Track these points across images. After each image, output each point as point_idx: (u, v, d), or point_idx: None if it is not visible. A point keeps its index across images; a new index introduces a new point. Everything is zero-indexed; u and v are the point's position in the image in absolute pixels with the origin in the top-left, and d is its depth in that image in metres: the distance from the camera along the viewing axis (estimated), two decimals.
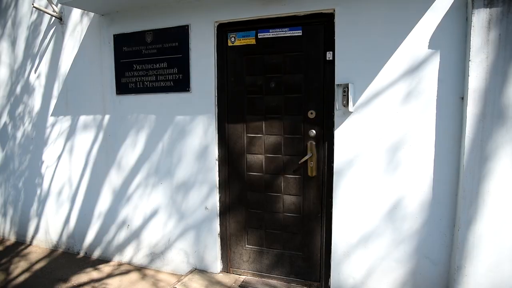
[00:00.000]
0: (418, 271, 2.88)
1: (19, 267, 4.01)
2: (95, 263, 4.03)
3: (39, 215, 4.50)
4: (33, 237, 4.60)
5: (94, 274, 3.78)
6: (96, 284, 3.59)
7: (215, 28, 3.32)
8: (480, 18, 2.44)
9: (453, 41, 2.61)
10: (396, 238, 2.91)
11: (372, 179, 2.93)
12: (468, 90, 2.51)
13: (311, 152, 3.13)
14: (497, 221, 2.53)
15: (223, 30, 3.31)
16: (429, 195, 2.79)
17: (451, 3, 2.58)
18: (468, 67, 2.50)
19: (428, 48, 2.67)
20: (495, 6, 2.40)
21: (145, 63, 3.58)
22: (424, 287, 2.88)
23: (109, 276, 3.74)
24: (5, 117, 4.57)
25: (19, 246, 4.59)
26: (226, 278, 3.46)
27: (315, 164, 3.14)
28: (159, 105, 3.59)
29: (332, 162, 3.03)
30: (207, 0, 3.27)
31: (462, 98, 2.60)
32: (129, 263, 3.96)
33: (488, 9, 2.41)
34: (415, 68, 2.72)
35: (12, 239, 4.78)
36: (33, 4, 3.79)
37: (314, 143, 3.12)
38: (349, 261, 3.08)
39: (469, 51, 2.49)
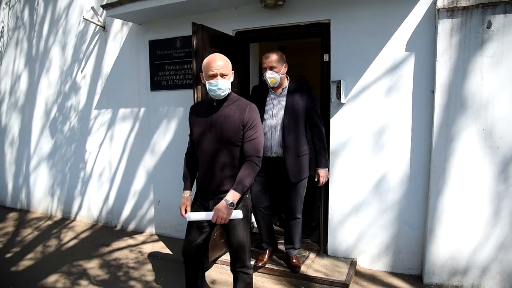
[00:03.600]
0: (399, 235, 3.48)
1: (67, 236, 4.77)
2: (131, 234, 4.76)
3: (82, 194, 5.26)
4: (76, 214, 5.37)
5: (130, 241, 4.51)
6: (133, 248, 4.31)
7: (234, 35, 4.00)
8: (444, 27, 3.05)
9: (424, 45, 3.22)
10: (381, 207, 3.52)
11: (362, 158, 3.54)
12: (436, 84, 3.12)
13: None
14: (460, 191, 3.13)
15: (240, 37, 3.99)
16: (407, 171, 3.39)
17: (423, 15, 3.20)
18: (436, 66, 3.11)
19: (405, 51, 3.29)
20: (456, 17, 3.00)
21: (175, 64, 4.29)
22: (404, 248, 3.48)
23: (143, 243, 4.46)
24: (55, 111, 5.36)
25: (65, 221, 5.37)
26: None
27: None
28: (186, 99, 4.26)
29: (329, 144, 3.66)
30: (226, 12, 3.95)
31: (433, 91, 3.20)
32: (159, 234, 4.67)
33: (450, 19, 3.02)
34: (395, 67, 3.34)
35: (58, 215, 5.56)
36: (83, 16, 4.56)
37: None
38: (343, 228, 3.69)
39: (436, 53, 3.10)
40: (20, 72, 5.60)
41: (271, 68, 3.12)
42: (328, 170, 3.42)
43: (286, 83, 3.29)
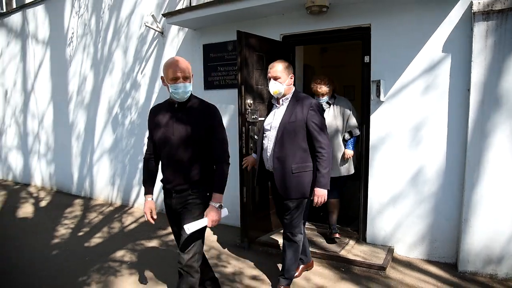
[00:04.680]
0: (435, 224, 3.70)
1: (128, 220, 5.33)
2: None
3: (140, 184, 5.81)
4: (134, 201, 5.94)
5: None
6: None
7: (281, 39, 4.36)
8: (479, 29, 3.26)
9: (460, 46, 3.43)
10: (418, 199, 3.75)
11: (399, 152, 3.79)
12: (472, 83, 3.32)
13: None
14: (494, 183, 3.32)
15: (286, 41, 4.36)
16: (443, 165, 3.61)
17: (459, 18, 3.42)
18: (471, 66, 3.32)
19: (442, 52, 3.51)
20: (491, 19, 3.20)
21: (227, 66, 4.71)
22: (439, 238, 3.70)
23: None
24: (116, 108, 5.96)
25: (124, 207, 5.95)
26: None
27: None
28: (236, 97, 4.67)
29: (369, 139, 3.94)
30: (275, 18, 4.32)
31: (469, 90, 3.40)
32: None
33: (485, 22, 3.23)
34: (432, 67, 3.57)
35: (118, 203, 6.17)
36: (145, 23, 5.10)
37: None
38: (381, 217, 3.96)
39: (472, 53, 3.31)
40: (87, 74, 6.27)
41: (276, 79, 2.99)
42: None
43: (290, 94, 3.08)
